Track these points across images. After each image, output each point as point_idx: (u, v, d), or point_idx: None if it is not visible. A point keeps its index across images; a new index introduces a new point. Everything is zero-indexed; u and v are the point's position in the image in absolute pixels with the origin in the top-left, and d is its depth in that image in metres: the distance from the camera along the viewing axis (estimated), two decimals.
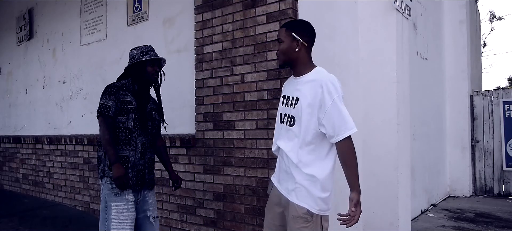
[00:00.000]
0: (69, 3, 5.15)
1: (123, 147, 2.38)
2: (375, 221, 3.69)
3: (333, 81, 1.84)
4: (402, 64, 3.74)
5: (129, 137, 2.39)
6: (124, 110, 2.38)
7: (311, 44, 1.97)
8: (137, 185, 2.43)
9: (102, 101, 2.38)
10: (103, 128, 2.34)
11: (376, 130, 3.70)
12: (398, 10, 3.68)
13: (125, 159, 2.38)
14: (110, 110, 2.35)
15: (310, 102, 1.84)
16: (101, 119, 2.35)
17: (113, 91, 2.39)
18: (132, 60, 2.49)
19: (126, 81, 2.50)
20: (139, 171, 2.44)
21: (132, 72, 2.50)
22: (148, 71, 2.46)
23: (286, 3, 2.86)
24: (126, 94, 2.42)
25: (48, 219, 4.40)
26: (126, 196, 2.34)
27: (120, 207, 2.33)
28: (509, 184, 6.41)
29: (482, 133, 6.62)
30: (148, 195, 2.52)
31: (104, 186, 2.40)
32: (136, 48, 2.52)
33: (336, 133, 1.81)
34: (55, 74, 5.35)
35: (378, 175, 3.67)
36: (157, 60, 2.50)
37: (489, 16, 23.94)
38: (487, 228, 4.45)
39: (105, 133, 2.32)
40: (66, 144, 4.89)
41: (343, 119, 1.81)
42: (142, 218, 2.48)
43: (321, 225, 1.87)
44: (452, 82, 6.61)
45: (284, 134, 1.97)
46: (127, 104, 2.39)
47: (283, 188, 1.96)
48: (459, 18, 6.64)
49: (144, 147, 2.46)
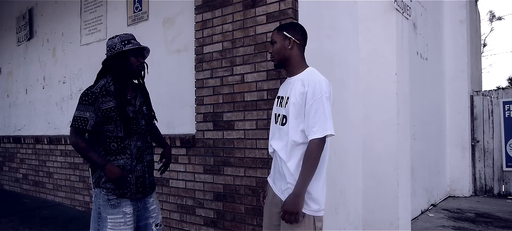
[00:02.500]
0: (69, 3, 5.15)
1: (117, 157, 2.10)
2: (375, 221, 3.69)
3: (320, 82, 1.84)
4: (402, 64, 3.74)
5: (122, 145, 2.10)
6: (109, 119, 2.07)
7: (303, 42, 2.00)
8: (138, 193, 2.16)
9: (77, 113, 2.04)
10: (73, 138, 2.03)
11: (376, 130, 3.70)
12: (398, 10, 3.68)
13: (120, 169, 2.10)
14: (88, 124, 2.02)
15: (297, 101, 1.86)
16: (72, 129, 2.04)
17: (90, 100, 2.04)
18: (112, 50, 2.15)
19: (104, 81, 2.15)
20: (138, 178, 2.16)
21: (112, 65, 2.16)
22: (131, 62, 2.15)
23: (286, 3, 2.86)
24: (107, 100, 2.08)
25: (48, 219, 4.40)
26: (124, 208, 2.09)
27: (117, 220, 2.08)
28: (509, 184, 6.41)
29: (482, 133, 6.62)
30: (150, 201, 2.27)
31: (99, 196, 2.11)
32: (115, 37, 2.18)
33: (308, 131, 1.81)
34: (55, 74, 5.35)
35: (378, 175, 3.67)
36: (140, 50, 2.20)
37: (489, 16, 23.96)
38: (487, 228, 4.45)
39: (78, 142, 2.02)
40: (66, 144, 4.89)
41: (319, 120, 1.79)
42: (143, 226, 2.24)
43: (313, 225, 1.86)
44: (452, 82, 6.61)
45: (277, 134, 2.00)
46: (110, 112, 2.07)
47: (277, 188, 1.98)
48: (459, 18, 6.64)
49: (139, 151, 2.18)
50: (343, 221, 3.47)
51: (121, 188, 2.09)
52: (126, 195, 2.12)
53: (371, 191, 3.72)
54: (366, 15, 3.82)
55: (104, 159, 2.06)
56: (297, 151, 1.87)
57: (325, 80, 1.88)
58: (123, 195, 2.11)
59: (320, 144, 1.79)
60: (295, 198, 1.78)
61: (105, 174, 2.04)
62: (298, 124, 1.86)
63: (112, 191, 2.09)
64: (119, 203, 2.09)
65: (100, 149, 2.12)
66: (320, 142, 1.79)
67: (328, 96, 1.84)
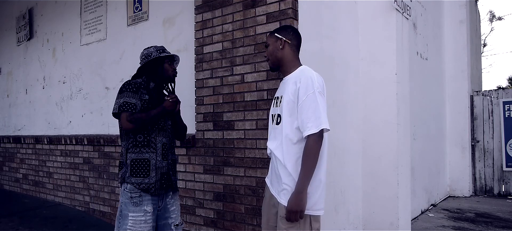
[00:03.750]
0: (69, 3, 5.15)
1: (142, 149, 2.23)
2: (375, 221, 3.69)
3: (312, 77, 1.85)
4: (402, 64, 3.74)
5: (148, 138, 2.24)
6: (142, 111, 2.24)
7: (294, 42, 2.02)
8: (162, 189, 2.27)
9: (125, 99, 2.20)
10: (129, 121, 2.16)
11: (376, 130, 3.70)
12: (398, 10, 3.68)
13: (145, 162, 2.22)
14: (136, 109, 2.21)
15: (290, 99, 1.87)
16: (125, 115, 2.17)
17: (135, 88, 2.25)
18: (148, 58, 2.35)
19: (141, 79, 2.35)
20: (163, 174, 2.28)
21: (148, 71, 2.36)
22: (165, 68, 2.36)
23: (286, 3, 2.86)
24: (144, 93, 2.29)
25: (48, 219, 4.40)
26: (145, 207, 2.19)
27: (138, 218, 2.18)
28: (509, 184, 6.41)
29: (482, 133, 6.62)
30: (170, 202, 2.37)
31: (123, 194, 2.24)
32: (150, 47, 2.41)
33: (303, 128, 1.81)
34: (55, 74, 5.35)
35: (378, 175, 3.67)
36: (172, 58, 2.43)
37: (489, 16, 23.99)
38: (487, 228, 4.45)
39: (136, 118, 2.17)
40: (66, 144, 4.89)
41: (313, 115, 1.79)
42: (162, 226, 2.34)
43: (310, 226, 1.85)
44: (452, 82, 6.62)
45: (273, 133, 2.01)
46: (146, 103, 2.26)
47: (274, 189, 1.98)
48: (459, 18, 6.64)
49: (165, 148, 2.31)
50: (343, 221, 3.47)
51: (174, 105, 2.34)
52: (150, 190, 2.21)
53: (371, 191, 3.72)
54: (366, 15, 3.82)
55: (161, 105, 2.29)
56: (294, 150, 1.86)
57: (318, 76, 1.89)
58: (147, 190, 2.20)
59: (317, 139, 1.78)
60: (297, 196, 1.78)
61: (166, 110, 2.30)
62: (292, 122, 1.87)
63: (136, 185, 2.20)
64: (141, 201, 2.20)
65: (129, 141, 2.25)
66: (317, 137, 1.78)
67: (320, 91, 1.83)
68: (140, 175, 2.21)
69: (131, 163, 2.23)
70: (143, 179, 2.21)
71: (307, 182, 1.79)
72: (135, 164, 2.22)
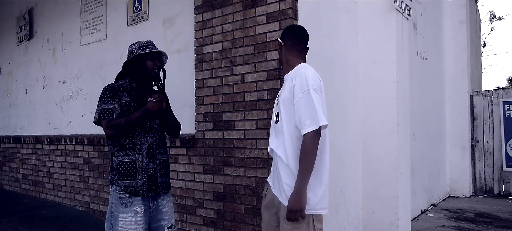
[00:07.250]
0: (69, 3, 5.15)
1: (128, 152, 2.19)
2: (375, 221, 3.69)
3: (306, 74, 1.85)
4: (402, 64, 3.74)
5: (133, 141, 2.20)
6: (124, 114, 2.20)
7: (291, 42, 2.05)
8: (150, 191, 2.22)
9: (102, 106, 2.18)
10: (109, 127, 2.15)
11: (376, 130, 3.70)
12: (398, 10, 3.68)
13: (132, 165, 2.19)
14: (114, 114, 2.17)
15: (287, 96, 1.90)
16: (104, 122, 2.16)
17: (112, 93, 2.21)
18: (131, 55, 2.31)
19: (123, 81, 2.31)
20: (150, 176, 2.22)
21: (131, 68, 2.31)
22: (147, 66, 2.27)
23: (286, 3, 2.86)
24: (124, 95, 2.23)
25: (48, 219, 4.40)
26: (135, 207, 2.16)
27: (128, 219, 2.15)
28: (509, 184, 6.41)
29: (482, 133, 6.62)
30: (162, 203, 2.31)
31: (112, 195, 2.21)
32: (135, 43, 2.34)
33: (301, 126, 1.81)
34: (55, 74, 5.35)
35: (378, 175, 3.67)
36: (157, 55, 2.33)
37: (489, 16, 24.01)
38: (487, 228, 4.45)
39: (115, 124, 2.14)
40: (66, 144, 4.89)
41: (309, 112, 1.78)
42: (155, 228, 2.30)
43: (313, 225, 1.85)
44: (452, 82, 6.61)
45: (274, 132, 2.03)
46: (125, 106, 2.21)
47: (276, 189, 1.97)
48: (459, 18, 6.64)
49: (151, 149, 2.25)
50: (343, 221, 3.47)
51: (159, 104, 2.25)
52: (138, 193, 2.18)
53: (371, 191, 3.72)
54: (366, 15, 3.82)
55: (144, 106, 2.22)
56: (294, 147, 1.86)
57: (313, 73, 1.89)
58: (135, 193, 2.17)
59: (314, 137, 1.77)
60: (297, 195, 1.78)
61: (150, 111, 2.22)
62: (290, 119, 1.87)
63: (124, 188, 2.17)
64: (130, 202, 2.16)
65: (114, 144, 2.23)
66: (314, 135, 1.77)
67: (315, 88, 1.82)
68: (127, 177, 2.18)
69: (117, 166, 2.20)
70: (130, 182, 2.18)
71: (305, 181, 1.78)
72: (122, 167, 2.19)
